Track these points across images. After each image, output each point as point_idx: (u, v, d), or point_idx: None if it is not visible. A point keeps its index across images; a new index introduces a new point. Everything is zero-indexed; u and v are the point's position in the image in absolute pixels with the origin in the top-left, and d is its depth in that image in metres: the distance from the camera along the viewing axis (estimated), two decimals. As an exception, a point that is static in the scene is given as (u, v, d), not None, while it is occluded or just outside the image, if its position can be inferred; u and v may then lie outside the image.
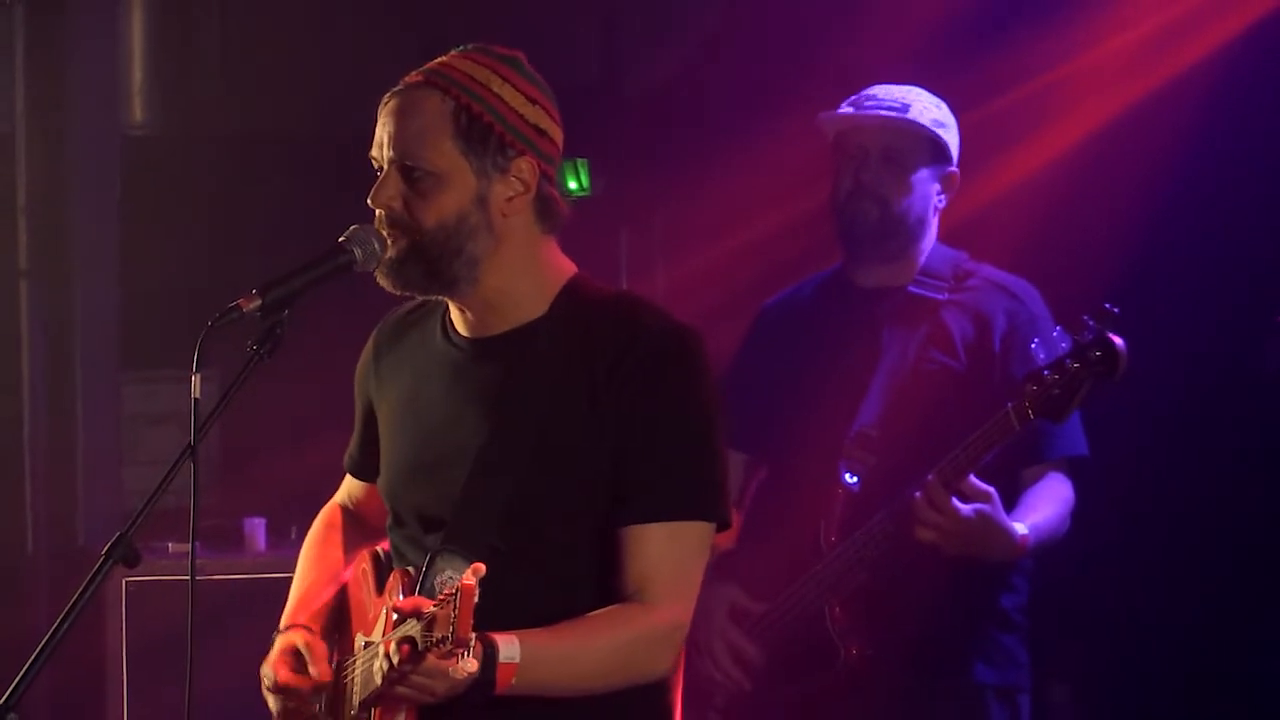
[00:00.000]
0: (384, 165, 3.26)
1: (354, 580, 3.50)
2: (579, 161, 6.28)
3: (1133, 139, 5.56)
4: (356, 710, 3.25)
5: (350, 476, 3.65)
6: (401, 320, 3.49)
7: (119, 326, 6.53)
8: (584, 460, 3.21)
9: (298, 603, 3.48)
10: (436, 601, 2.88)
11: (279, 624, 3.44)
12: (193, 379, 3.03)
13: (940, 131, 4.68)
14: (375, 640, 3.22)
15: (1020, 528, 4.46)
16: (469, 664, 2.92)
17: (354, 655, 3.34)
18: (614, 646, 3.19)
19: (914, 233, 4.70)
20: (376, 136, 3.27)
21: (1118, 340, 4.30)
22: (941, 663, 4.61)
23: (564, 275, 3.34)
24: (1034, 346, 4.40)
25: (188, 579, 3.07)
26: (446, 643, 2.85)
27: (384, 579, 3.37)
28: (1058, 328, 4.43)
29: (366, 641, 3.31)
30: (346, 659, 3.38)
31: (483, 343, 3.32)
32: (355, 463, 3.61)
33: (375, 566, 3.45)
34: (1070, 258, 5.26)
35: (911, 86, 4.74)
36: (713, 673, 4.68)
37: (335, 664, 3.39)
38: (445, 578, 3.15)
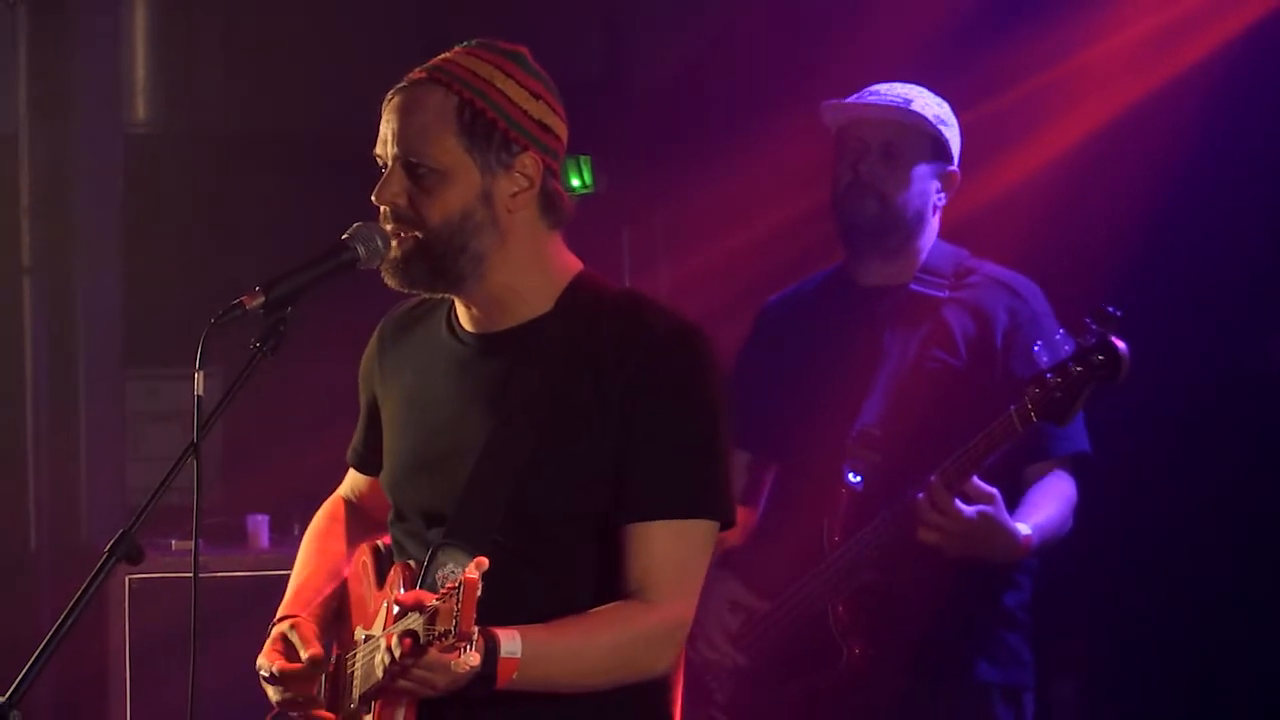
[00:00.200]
0: (388, 162, 3.25)
1: (354, 574, 3.50)
2: (582, 158, 6.27)
3: (1133, 139, 5.56)
4: (357, 704, 3.25)
5: (353, 470, 3.65)
6: (406, 315, 3.48)
7: (122, 324, 6.54)
8: (588, 457, 3.21)
9: (294, 593, 3.48)
10: (439, 595, 2.88)
11: (277, 614, 3.44)
12: (196, 376, 3.03)
13: (942, 128, 4.68)
14: (375, 634, 3.22)
15: (1023, 528, 4.46)
16: (471, 658, 2.93)
17: (354, 648, 3.34)
18: (615, 643, 3.19)
19: (912, 228, 4.70)
20: (380, 134, 3.27)
21: (1120, 344, 4.30)
22: (945, 662, 4.60)
23: (570, 271, 3.34)
24: (1037, 349, 4.39)
25: (191, 576, 3.08)
26: (449, 636, 2.85)
27: (384, 573, 3.37)
28: (1061, 330, 4.42)
29: (366, 635, 3.31)
30: (346, 652, 3.37)
31: (488, 338, 3.32)
32: (359, 457, 3.61)
33: (375, 560, 3.45)
34: (1070, 258, 5.26)
35: (914, 85, 4.75)
36: (706, 653, 4.68)
37: (335, 657, 3.40)
38: (447, 572, 3.15)
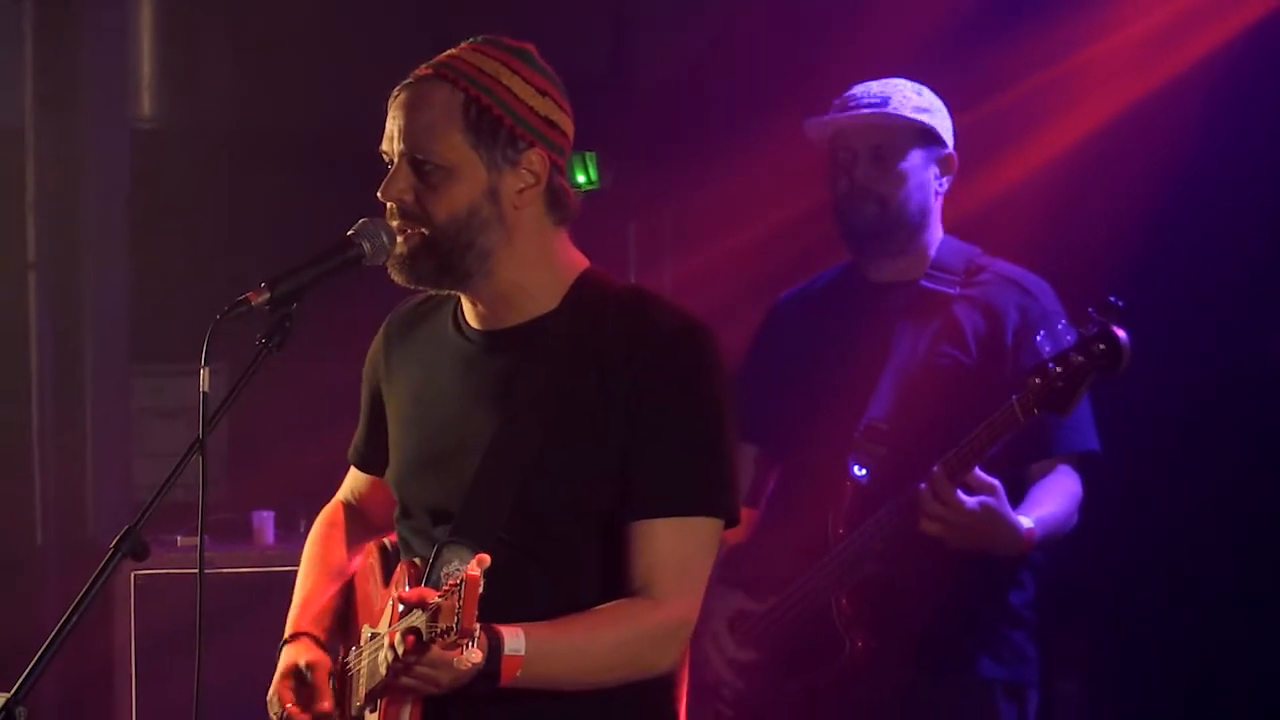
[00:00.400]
0: (394, 159, 3.25)
1: (361, 572, 3.50)
2: (588, 155, 6.27)
3: (1133, 138, 5.55)
4: (362, 701, 3.25)
5: (354, 470, 3.64)
6: (412, 312, 3.48)
7: (128, 320, 6.54)
8: (593, 454, 3.21)
9: (300, 607, 3.47)
10: (441, 592, 2.88)
11: (284, 631, 3.43)
12: (201, 372, 3.03)
13: (923, 118, 4.67)
14: (381, 631, 3.22)
15: (1026, 521, 4.46)
16: (474, 655, 2.93)
17: (360, 646, 3.34)
18: (620, 641, 3.19)
19: (916, 223, 4.70)
20: (387, 130, 3.27)
21: (1121, 333, 4.29)
22: (947, 657, 4.60)
23: (576, 268, 3.34)
24: (1039, 339, 4.39)
25: (196, 572, 3.08)
26: (451, 633, 2.85)
27: (391, 571, 3.37)
28: (1063, 320, 4.43)
29: (373, 633, 3.30)
30: (353, 651, 3.38)
31: (494, 335, 3.32)
32: (360, 455, 3.60)
33: (382, 558, 3.46)
34: (1070, 257, 5.25)
35: (891, 79, 4.74)
36: (709, 676, 4.71)
37: (341, 657, 3.39)
38: (452, 569, 3.14)
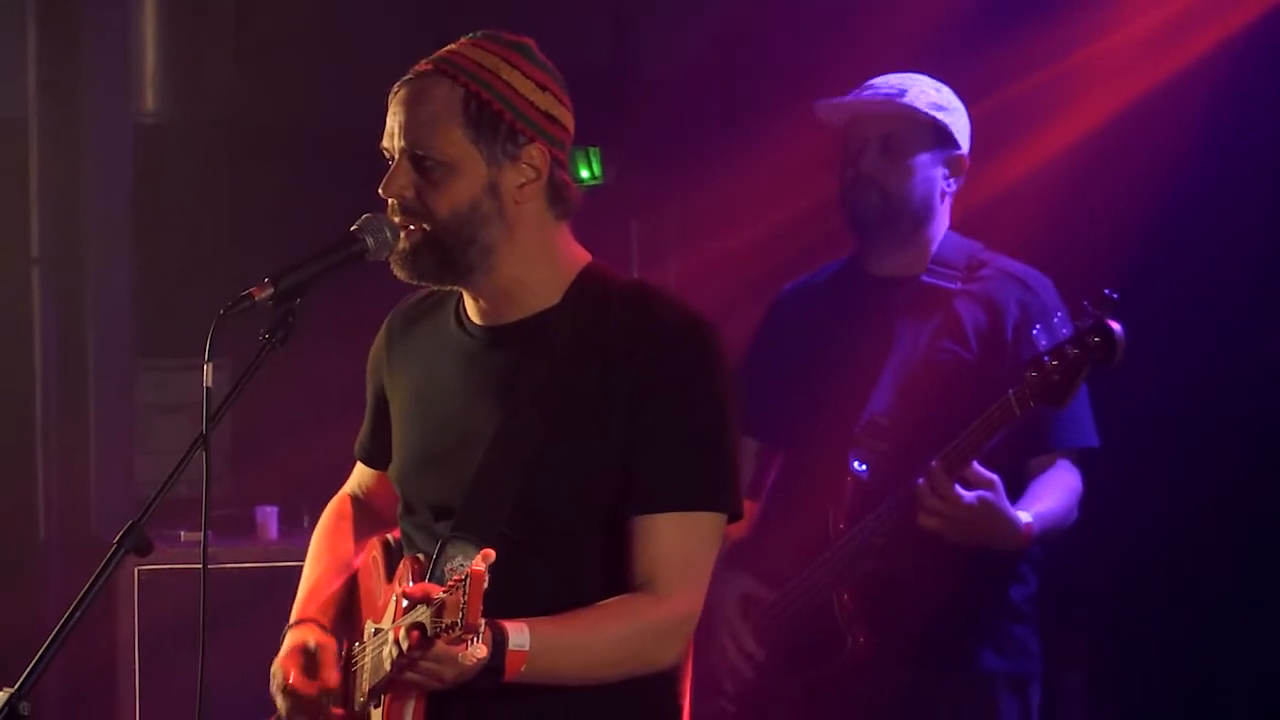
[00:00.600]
0: (395, 155, 3.25)
1: (364, 567, 3.50)
2: (591, 150, 6.26)
3: (1136, 135, 5.54)
4: (366, 697, 3.25)
5: (361, 465, 3.64)
6: (415, 308, 3.48)
7: (131, 315, 6.53)
8: (596, 450, 3.21)
9: (307, 595, 3.48)
10: (446, 588, 2.88)
11: (290, 618, 3.44)
12: (205, 367, 3.03)
13: (939, 115, 4.67)
14: (385, 627, 3.22)
15: (1024, 516, 4.45)
16: (478, 650, 2.94)
17: (364, 642, 3.34)
18: (623, 636, 3.19)
19: (919, 217, 4.69)
20: (387, 126, 3.27)
21: (1115, 325, 4.28)
22: (948, 653, 4.60)
23: (578, 263, 3.34)
24: (1035, 333, 4.39)
25: (200, 567, 3.09)
26: (456, 628, 2.85)
27: (394, 566, 3.37)
28: (1059, 313, 4.43)
29: (376, 628, 3.31)
30: (356, 646, 3.38)
31: (496, 331, 3.32)
32: (366, 451, 3.61)
33: (385, 554, 3.46)
34: (1071, 254, 5.24)
35: (913, 74, 4.75)
36: (719, 662, 4.71)
37: (345, 652, 3.40)
38: (455, 564, 3.15)
